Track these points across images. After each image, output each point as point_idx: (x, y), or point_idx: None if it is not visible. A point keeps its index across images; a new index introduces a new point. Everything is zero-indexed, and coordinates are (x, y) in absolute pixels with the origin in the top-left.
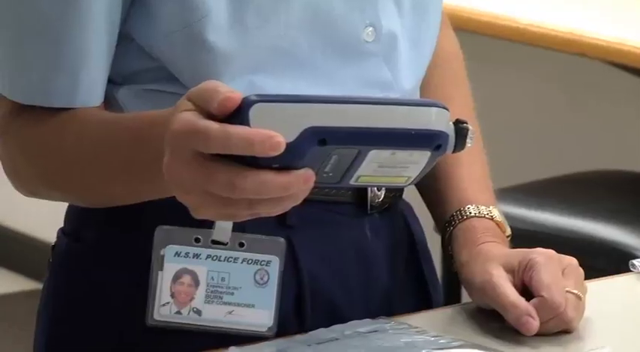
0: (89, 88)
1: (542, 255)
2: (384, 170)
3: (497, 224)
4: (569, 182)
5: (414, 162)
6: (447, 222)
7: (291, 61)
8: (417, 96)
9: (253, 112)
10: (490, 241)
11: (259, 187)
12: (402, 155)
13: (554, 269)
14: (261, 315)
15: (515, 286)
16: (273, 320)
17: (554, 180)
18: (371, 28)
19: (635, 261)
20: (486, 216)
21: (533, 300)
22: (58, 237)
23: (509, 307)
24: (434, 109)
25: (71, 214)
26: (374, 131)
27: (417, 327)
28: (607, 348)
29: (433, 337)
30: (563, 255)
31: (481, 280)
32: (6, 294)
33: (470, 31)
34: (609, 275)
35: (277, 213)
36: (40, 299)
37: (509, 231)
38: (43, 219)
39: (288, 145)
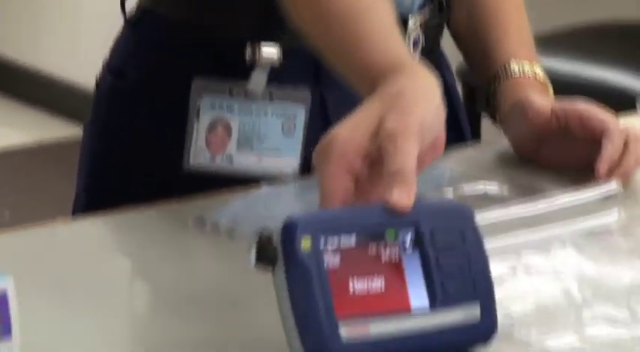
0: None
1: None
2: None
3: (542, 84)
4: (582, 31)
5: None
6: (492, 77)
7: None
8: None
9: None
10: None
11: None
12: None
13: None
14: (287, 162)
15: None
16: (299, 167)
17: (567, 28)
18: None
19: None
20: (530, 76)
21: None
22: (102, 72)
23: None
24: None
25: (117, 51)
26: None
27: (436, 164)
28: (614, 186)
29: (451, 173)
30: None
31: (522, 100)
32: (61, 138)
33: None
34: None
35: None
36: (83, 132)
37: (551, 91)
38: (93, 66)
39: None
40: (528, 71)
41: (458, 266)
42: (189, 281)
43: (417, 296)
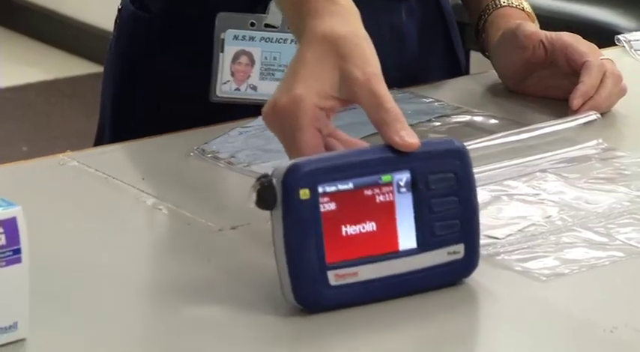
0: None
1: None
2: None
3: (528, 15)
4: None
5: None
6: (483, 10)
7: None
8: None
9: None
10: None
11: None
12: None
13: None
14: None
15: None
16: None
17: None
18: None
19: (620, 36)
20: (518, 7)
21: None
22: (123, 1)
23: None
24: None
25: None
26: None
27: (426, 97)
28: (593, 115)
29: (440, 105)
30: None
31: (513, 28)
32: (75, 76)
33: None
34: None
35: None
36: (107, 60)
37: (537, 24)
38: (106, 9)
39: None
40: (516, 3)
41: (448, 210)
42: (190, 209)
43: (406, 237)
